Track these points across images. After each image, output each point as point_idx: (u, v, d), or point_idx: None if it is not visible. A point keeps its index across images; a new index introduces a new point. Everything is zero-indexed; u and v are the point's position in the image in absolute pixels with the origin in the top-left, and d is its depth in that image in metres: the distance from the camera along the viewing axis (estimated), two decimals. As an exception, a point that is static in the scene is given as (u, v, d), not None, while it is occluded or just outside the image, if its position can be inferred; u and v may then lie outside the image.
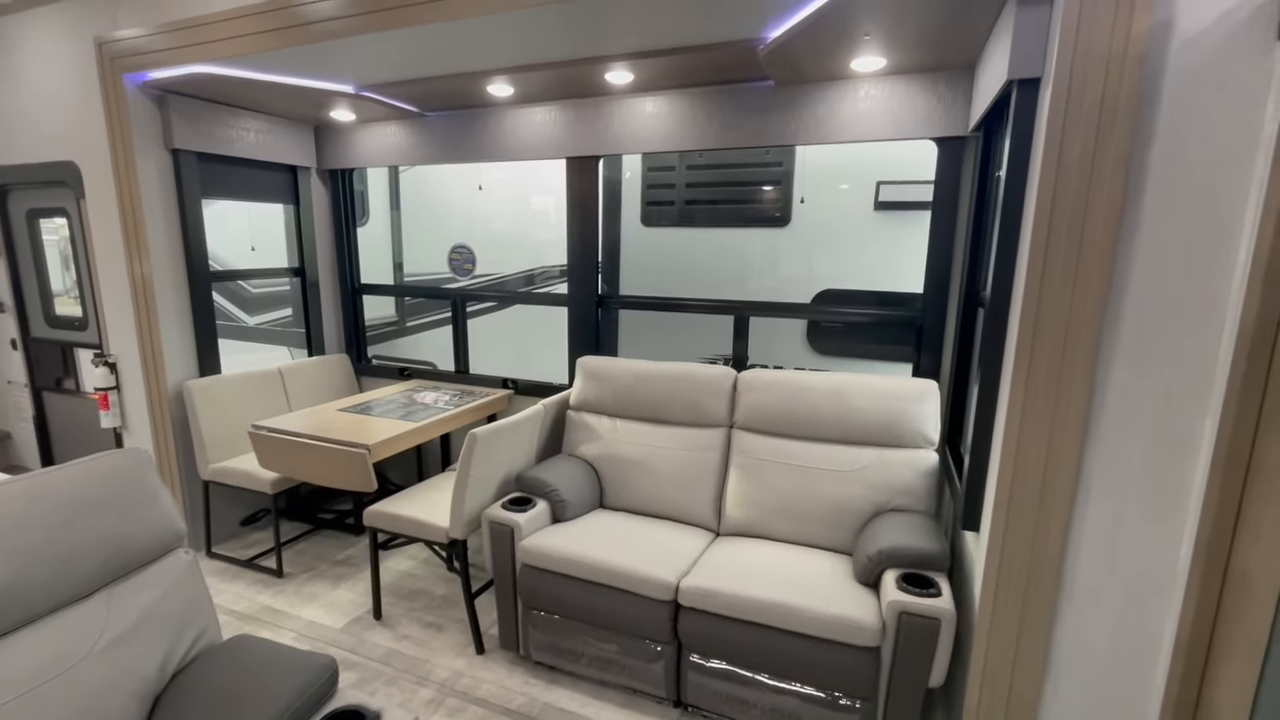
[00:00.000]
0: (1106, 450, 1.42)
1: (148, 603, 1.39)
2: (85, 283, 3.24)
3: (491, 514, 2.30)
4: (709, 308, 2.99)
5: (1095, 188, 1.34)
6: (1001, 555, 1.54)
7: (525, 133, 3.03)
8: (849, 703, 1.87)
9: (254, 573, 3.02)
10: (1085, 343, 1.39)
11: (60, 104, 2.99)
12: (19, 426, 3.84)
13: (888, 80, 2.34)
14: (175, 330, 3.01)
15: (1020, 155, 1.55)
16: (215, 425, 3.03)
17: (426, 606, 2.73)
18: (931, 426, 2.28)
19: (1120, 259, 1.36)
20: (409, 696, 2.18)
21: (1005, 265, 1.62)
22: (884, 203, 3.28)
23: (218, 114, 3.04)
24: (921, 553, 1.89)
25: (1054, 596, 1.51)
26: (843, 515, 2.26)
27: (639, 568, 2.08)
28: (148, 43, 2.60)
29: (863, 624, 1.80)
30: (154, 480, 1.49)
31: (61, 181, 3.08)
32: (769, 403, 2.47)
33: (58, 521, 1.28)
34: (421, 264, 4.51)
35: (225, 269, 3.39)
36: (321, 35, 2.23)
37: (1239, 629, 1.22)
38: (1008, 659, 1.57)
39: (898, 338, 3.10)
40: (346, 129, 3.45)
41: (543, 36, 2.18)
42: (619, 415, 2.74)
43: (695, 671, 2.05)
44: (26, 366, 3.62)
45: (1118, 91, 1.30)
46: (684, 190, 3.62)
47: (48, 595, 1.25)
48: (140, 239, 2.87)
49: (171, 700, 1.33)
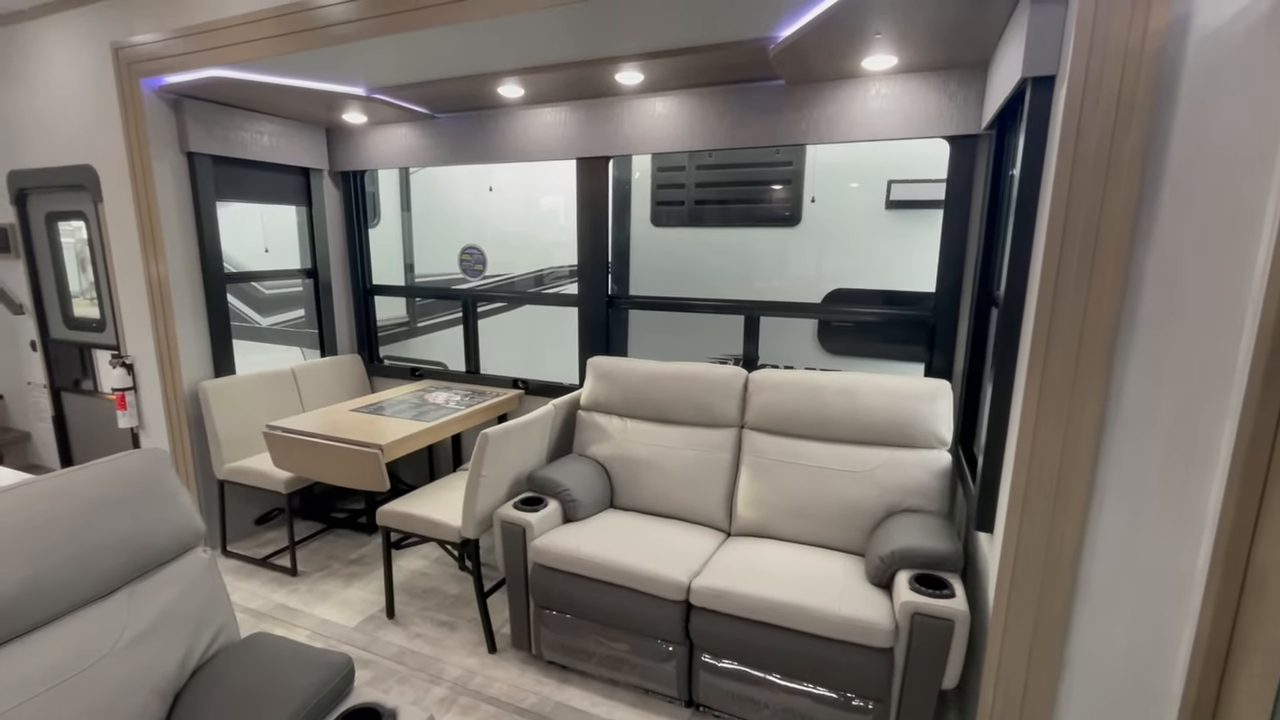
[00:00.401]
0: (1123, 452, 1.41)
1: (167, 601, 1.42)
2: (103, 285, 3.29)
3: (503, 513, 2.31)
4: (719, 308, 2.98)
5: (1111, 186, 1.33)
6: (1016, 557, 1.53)
7: (535, 134, 3.04)
8: (861, 704, 1.86)
9: (269, 571, 3.05)
10: (1101, 343, 1.38)
11: (78, 109, 3.04)
12: (39, 427, 3.90)
13: (899, 78, 2.33)
14: (191, 331, 3.05)
15: (1035, 153, 1.54)
16: (230, 425, 3.07)
17: (439, 605, 2.74)
18: (944, 427, 2.26)
19: (1136, 258, 1.34)
20: (422, 695, 2.19)
21: (1019, 264, 1.60)
22: (895, 201, 3.26)
23: (232, 117, 3.07)
24: (934, 554, 1.88)
25: (1069, 599, 1.50)
26: (855, 516, 2.26)
27: (650, 567, 2.08)
28: (163, 48, 2.63)
29: (875, 625, 1.79)
30: (173, 480, 1.51)
31: (79, 185, 3.13)
32: (780, 403, 2.47)
33: (79, 521, 1.30)
34: (432, 265, 4.53)
35: (239, 270, 3.42)
36: (334, 39, 2.25)
37: (1258, 633, 1.21)
38: (1022, 661, 1.56)
39: (910, 337, 3.08)
40: (358, 131, 3.47)
41: (553, 38, 2.18)
42: (630, 415, 2.75)
43: (707, 671, 2.05)
44: (46, 367, 3.67)
45: (1134, 88, 1.28)
46: (694, 190, 3.62)
47: (70, 594, 1.27)
48: (156, 241, 2.91)
49: (191, 697, 1.35)
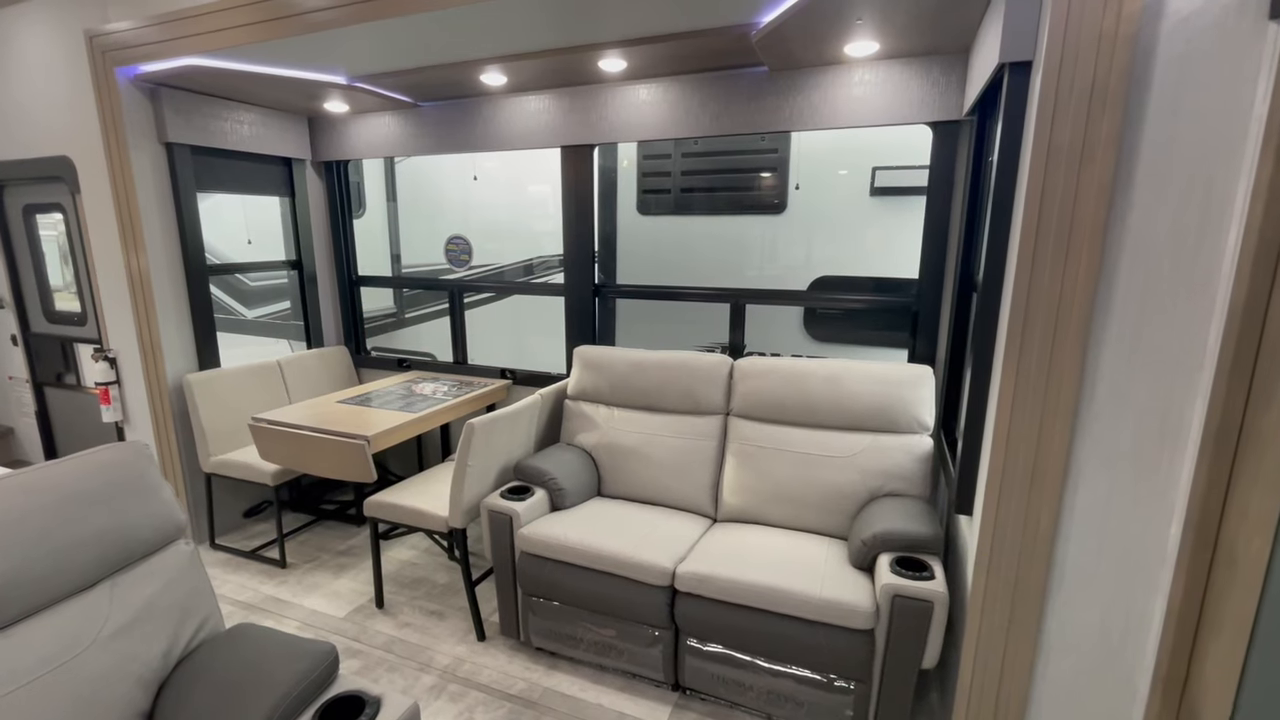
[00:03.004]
0: (1097, 433, 1.43)
1: (150, 593, 1.41)
2: (83, 278, 3.25)
3: (490, 503, 2.32)
4: (705, 296, 2.99)
5: (1086, 171, 1.34)
6: (993, 538, 1.55)
7: (519, 122, 3.01)
8: (844, 684, 1.89)
9: (257, 564, 3.05)
10: (1076, 326, 1.39)
11: (53, 99, 2.98)
12: (21, 422, 3.86)
13: (882, 65, 2.33)
14: (174, 324, 3.02)
15: (1012, 139, 1.55)
16: (216, 418, 3.05)
17: (428, 595, 2.75)
18: (926, 411, 2.29)
19: (1111, 242, 1.36)
20: (411, 683, 2.21)
21: (997, 250, 1.62)
22: (880, 188, 3.27)
23: (211, 107, 3.03)
24: (915, 537, 1.91)
25: (1045, 578, 1.52)
26: (838, 500, 2.28)
27: (636, 554, 2.10)
28: (138, 35, 2.58)
29: (857, 607, 1.82)
30: (153, 473, 1.50)
31: (57, 177, 3.08)
32: (765, 390, 2.48)
33: (57, 515, 1.30)
34: (419, 255, 4.50)
35: (222, 262, 3.39)
36: (312, 26, 2.22)
37: (1228, 605, 1.23)
38: (999, 640, 1.59)
39: (894, 324, 3.10)
40: (340, 120, 3.43)
41: (533, 24, 2.16)
42: (616, 404, 2.75)
43: (693, 655, 2.08)
44: (27, 362, 3.63)
45: (1108, 73, 1.29)
46: (680, 178, 3.61)
47: (50, 587, 1.27)
48: (136, 233, 2.87)
49: (175, 687, 1.35)
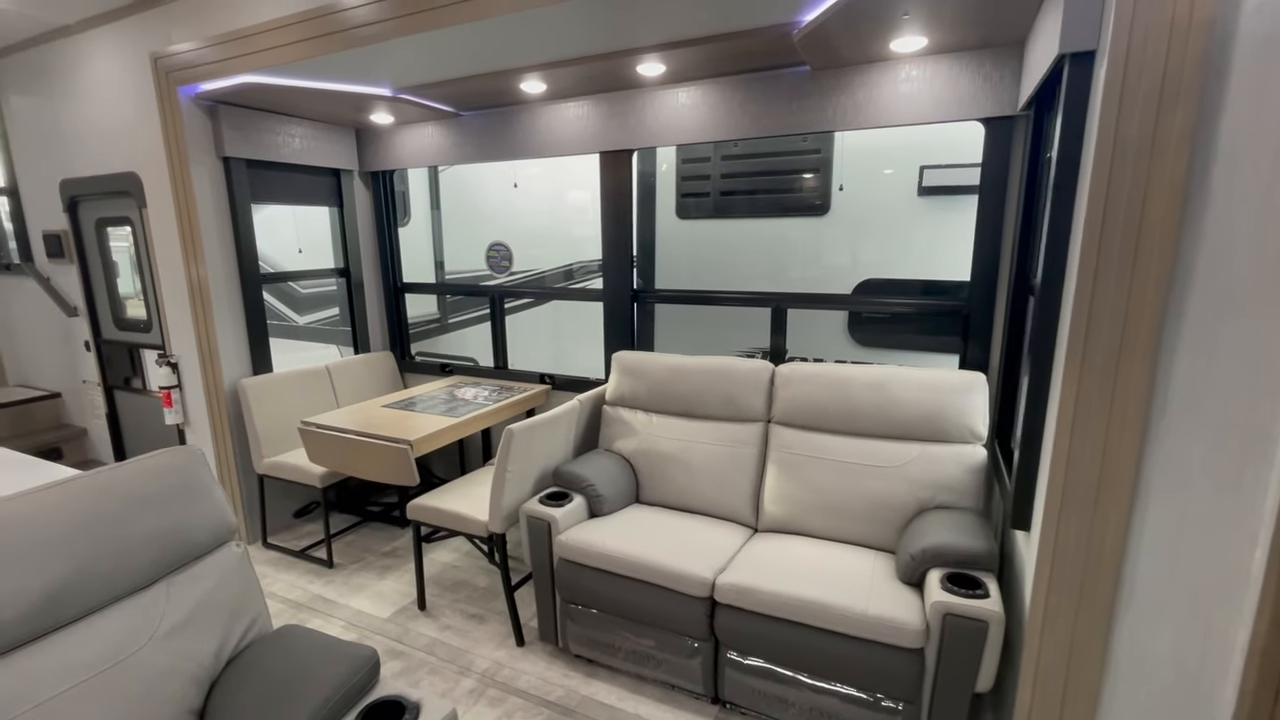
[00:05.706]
0: (1169, 447, 1.33)
1: (203, 593, 1.46)
2: (148, 287, 3.42)
3: (529, 508, 2.33)
4: (746, 300, 2.94)
5: (1156, 167, 1.25)
6: (1054, 556, 1.46)
7: (559, 129, 3.03)
8: (892, 705, 1.82)
9: (306, 563, 3.14)
10: (1145, 333, 1.30)
11: (122, 118, 3.15)
12: (94, 424, 4.09)
13: (930, 60, 2.25)
14: (230, 330, 3.15)
15: (1073, 134, 1.46)
16: (268, 421, 3.16)
17: (469, 598, 2.79)
18: (979, 420, 2.19)
19: (1185, 243, 1.26)
20: (451, 686, 2.23)
21: (1057, 251, 1.53)
22: (928, 188, 3.16)
23: (265, 121, 3.15)
24: (968, 552, 1.82)
25: (1111, 600, 1.43)
26: (885, 512, 2.20)
27: (675, 564, 2.07)
28: (199, 55, 2.71)
29: (905, 625, 1.75)
30: (207, 476, 1.56)
31: (125, 191, 3.26)
32: (808, 396, 2.42)
33: (119, 516, 1.35)
34: (462, 262, 4.58)
35: (275, 271, 3.52)
36: (358, 40, 2.28)
37: (1320, 640, 1.13)
38: (1061, 664, 1.50)
39: (943, 328, 2.98)
40: (386, 131, 3.52)
41: (572, 31, 2.17)
42: (655, 410, 2.73)
43: (733, 669, 2.03)
44: (99, 366, 3.85)
45: (1181, 62, 1.21)
46: (719, 181, 3.57)
47: (110, 585, 1.32)
48: (196, 244, 3.00)
49: (226, 686, 1.39)
